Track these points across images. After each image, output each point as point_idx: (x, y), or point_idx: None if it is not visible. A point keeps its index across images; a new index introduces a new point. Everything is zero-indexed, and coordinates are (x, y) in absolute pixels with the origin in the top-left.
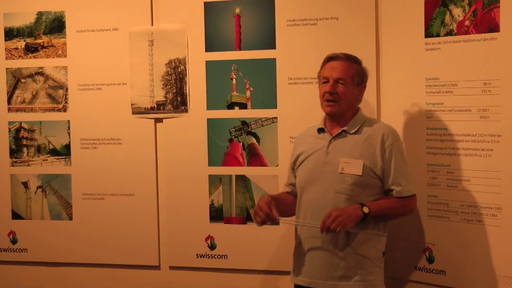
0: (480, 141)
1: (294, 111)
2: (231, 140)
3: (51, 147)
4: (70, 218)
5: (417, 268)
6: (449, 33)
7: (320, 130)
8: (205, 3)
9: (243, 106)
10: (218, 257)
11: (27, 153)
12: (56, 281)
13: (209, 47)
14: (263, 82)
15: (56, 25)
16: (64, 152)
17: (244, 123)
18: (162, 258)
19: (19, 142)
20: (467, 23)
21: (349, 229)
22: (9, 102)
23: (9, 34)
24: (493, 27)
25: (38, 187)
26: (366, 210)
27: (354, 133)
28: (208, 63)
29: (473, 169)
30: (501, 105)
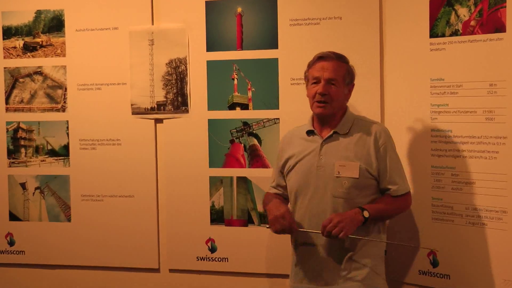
0: (485, 143)
1: (296, 112)
2: (232, 141)
3: (49, 147)
4: (69, 220)
5: (421, 272)
6: (455, 33)
7: (309, 132)
8: (207, 2)
9: (244, 106)
10: (219, 260)
11: (25, 153)
12: (54, 284)
13: (210, 47)
14: (265, 83)
15: (55, 24)
16: (63, 152)
17: (245, 124)
18: (161, 260)
19: (17, 143)
20: (472, 23)
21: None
22: (7, 102)
23: (7, 32)
24: (499, 27)
25: (36, 188)
26: (367, 214)
27: (346, 134)
28: (209, 63)
29: (478, 171)
30: (507, 107)
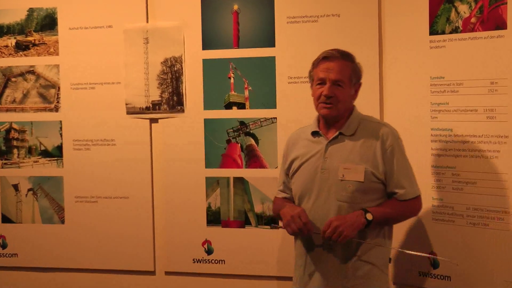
0: (486, 142)
1: (294, 111)
2: (229, 141)
3: (42, 148)
4: (62, 222)
5: (421, 273)
6: (455, 30)
7: (314, 133)
8: None
9: (241, 106)
10: (215, 262)
11: (18, 154)
12: (47, 287)
13: (206, 45)
14: (262, 81)
15: (48, 22)
16: (56, 153)
17: (242, 123)
18: (157, 263)
19: (10, 143)
20: (473, 20)
21: (352, 239)
22: None
23: None
24: (500, 24)
25: (29, 189)
26: (370, 217)
27: (351, 135)
28: (205, 61)
29: (479, 171)
30: (508, 105)
